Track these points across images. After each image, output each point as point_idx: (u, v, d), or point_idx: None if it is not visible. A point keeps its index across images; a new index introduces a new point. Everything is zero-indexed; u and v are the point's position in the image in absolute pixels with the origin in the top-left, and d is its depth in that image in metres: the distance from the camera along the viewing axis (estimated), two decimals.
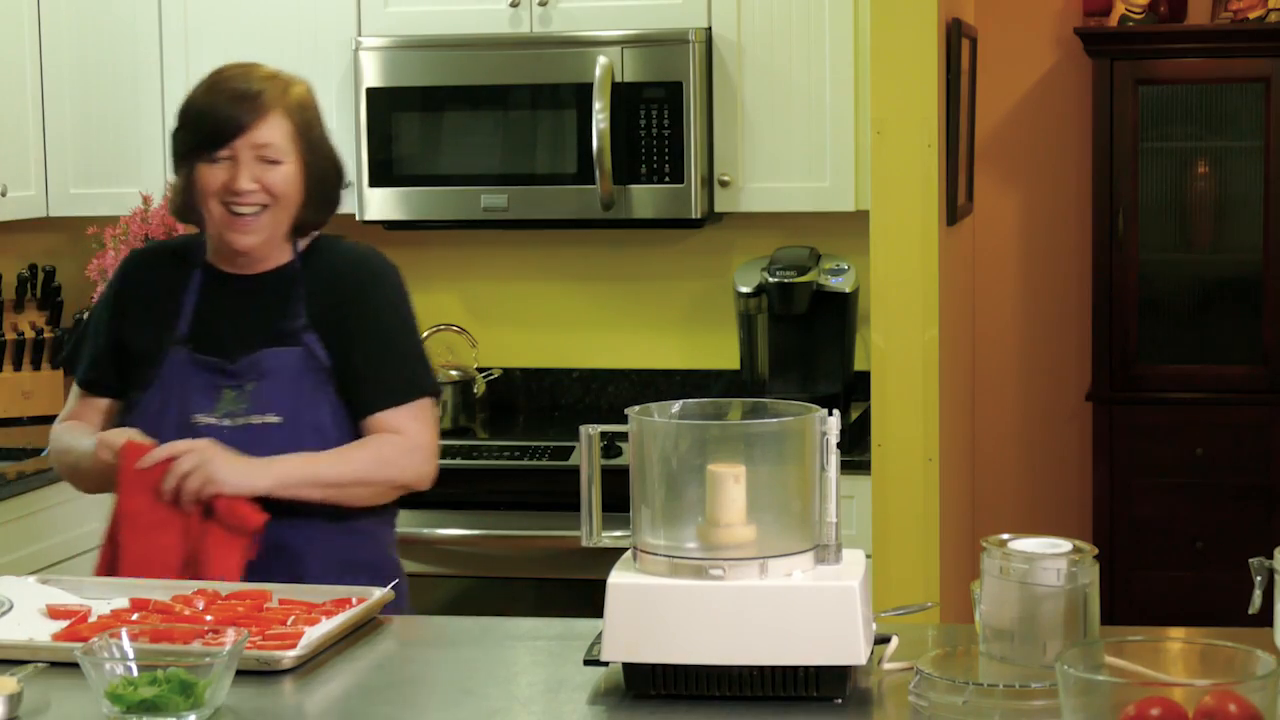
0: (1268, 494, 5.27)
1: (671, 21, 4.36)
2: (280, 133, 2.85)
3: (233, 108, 2.84)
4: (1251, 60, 5.26)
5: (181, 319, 2.91)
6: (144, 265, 3.01)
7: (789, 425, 2.12)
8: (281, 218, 2.87)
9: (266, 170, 2.84)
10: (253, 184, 2.83)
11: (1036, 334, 5.60)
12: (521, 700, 2.18)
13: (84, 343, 3.02)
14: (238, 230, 2.86)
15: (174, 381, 2.87)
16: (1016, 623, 2.07)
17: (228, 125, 2.83)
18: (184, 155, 2.90)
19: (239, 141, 2.83)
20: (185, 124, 2.90)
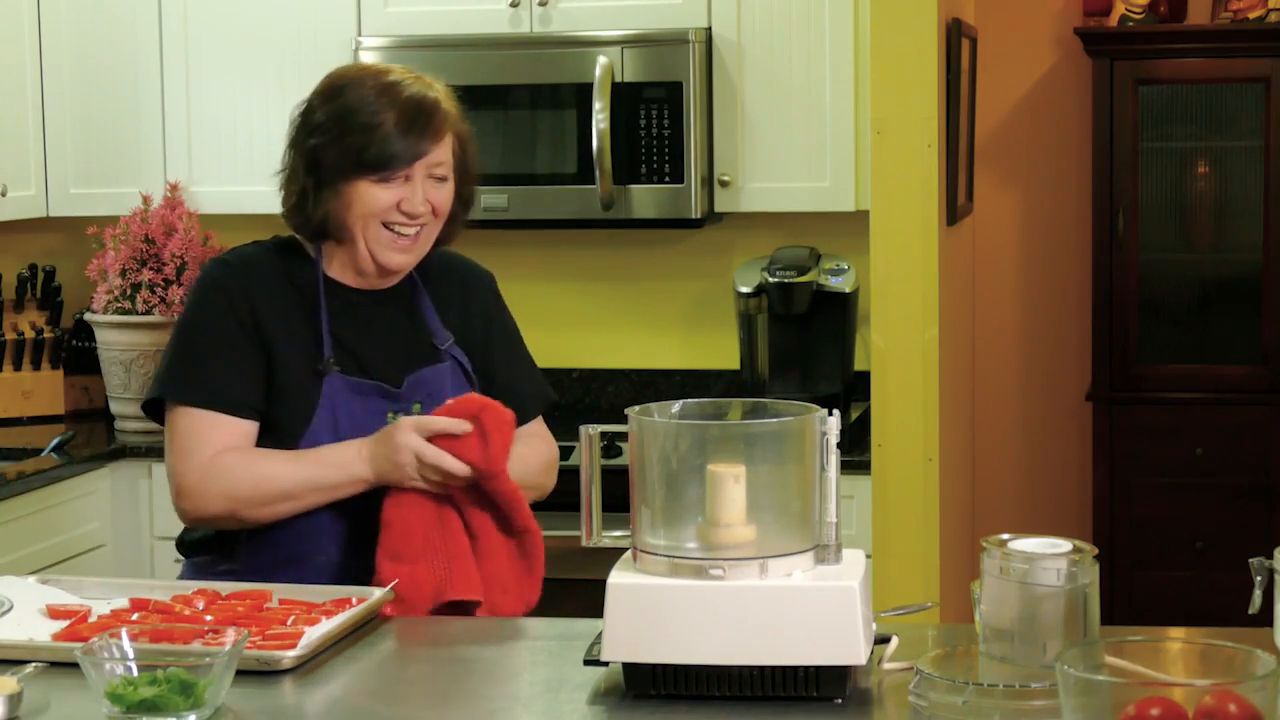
0: (1268, 494, 5.27)
1: (671, 21, 4.36)
2: (449, 150, 2.71)
3: (417, 128, 2.66)
4: (1251, 60, 5.26)
5: (323, 341, 2.69)
6: (258, 278, 2.73)
7: (789, 425, 2.12)
8: (434, 235, 2.73)
9: (434, 189, 2.69)
10: (425, 205, 2.68)
11: (1036, 334, 5.60)
12: (521, 700, 2.18)
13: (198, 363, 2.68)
14: (398, 250, 2.68)
15: (338, 410, 2.67)
16: (1016, 623, 2.07)
17: (411, 149, 2.65)
18: (341, 170, 2.67)
19: (420, 163, 2.67)
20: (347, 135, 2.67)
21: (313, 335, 2.69)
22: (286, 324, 2.69)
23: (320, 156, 2.69)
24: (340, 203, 2.68)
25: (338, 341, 2.70)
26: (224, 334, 2.67)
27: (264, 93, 4.59)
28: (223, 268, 2.75)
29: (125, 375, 4.54)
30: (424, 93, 2.70)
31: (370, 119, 2.65)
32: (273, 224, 4.89)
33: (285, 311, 2.70)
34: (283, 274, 2.74)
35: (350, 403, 2.67)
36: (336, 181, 2.67)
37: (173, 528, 4.40)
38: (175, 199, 4.59)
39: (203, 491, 2.65)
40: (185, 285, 4.51)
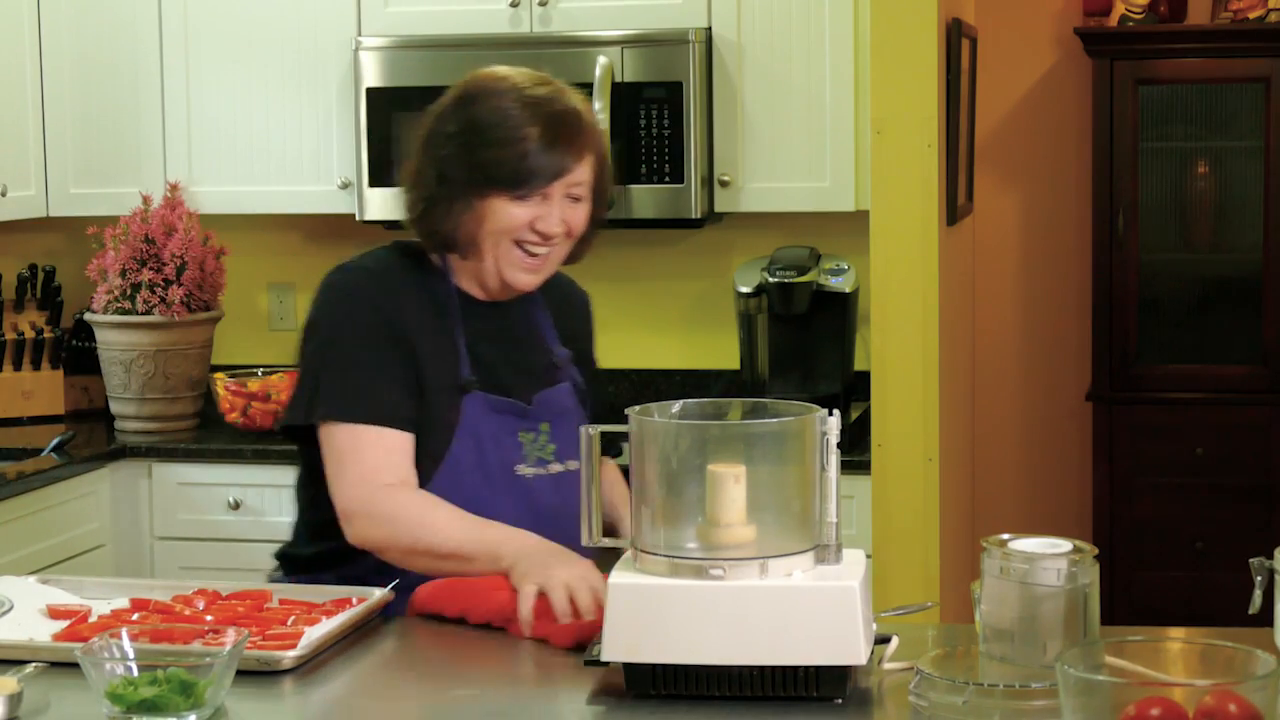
0: (1268, 494, 5.27)
1: (671, 21, 4.36)
2: (589, 169, 2.60)
3: (560, 145, 2.55)
4: (1251, 60, 5.26)
5: (460, 357, 2.60)
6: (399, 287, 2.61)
7: (789, 425, 2.12)
8: (563, 255, 2.63)
9: (571, 209, 2.59)
10: (561, 225, 2.57)
11: (1036, 334, 5.60)
12: (521, 700, 2.17)
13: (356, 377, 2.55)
14: (526, 269, 2.58)
15: (480, 430, 2.57)
16: (1017, 623, 2.07)
17: (553, 167, 2.54)
18: (475, 184, 2.55)
19: (559, 182, 2.56)
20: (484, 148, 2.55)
21: (451, 347, 2.60)
22: (428, 335, 2.58)
23: (452, 168, 2.56)
24: (472, 217, 2.56)
25: (474, 357, 2.61)
26: (375, 344, 2.56)
27: (264, 93, 4.59)
28: (362, 275, 2.63)
29: (125, 375, 4.54)
30: (568, 106, 2.58)
31: (511, 133, 2.54)
32: (273, 223, 4.92)
33: (425, 321, 2.59)
34: (417, 283, 2.62)
35: (490, 423, 2.58)
36: (469, 195, 2.55)
37: (173, 528, 4.43)
38: (175, 199, 4.59)
39: (365, 522, 2.54)
40: (185, 285, 4.51)
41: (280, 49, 4.58)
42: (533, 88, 2.58)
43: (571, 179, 2.56)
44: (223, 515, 4.38)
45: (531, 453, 2.60)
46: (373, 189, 4.48)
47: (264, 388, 4.51)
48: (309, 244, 4.95)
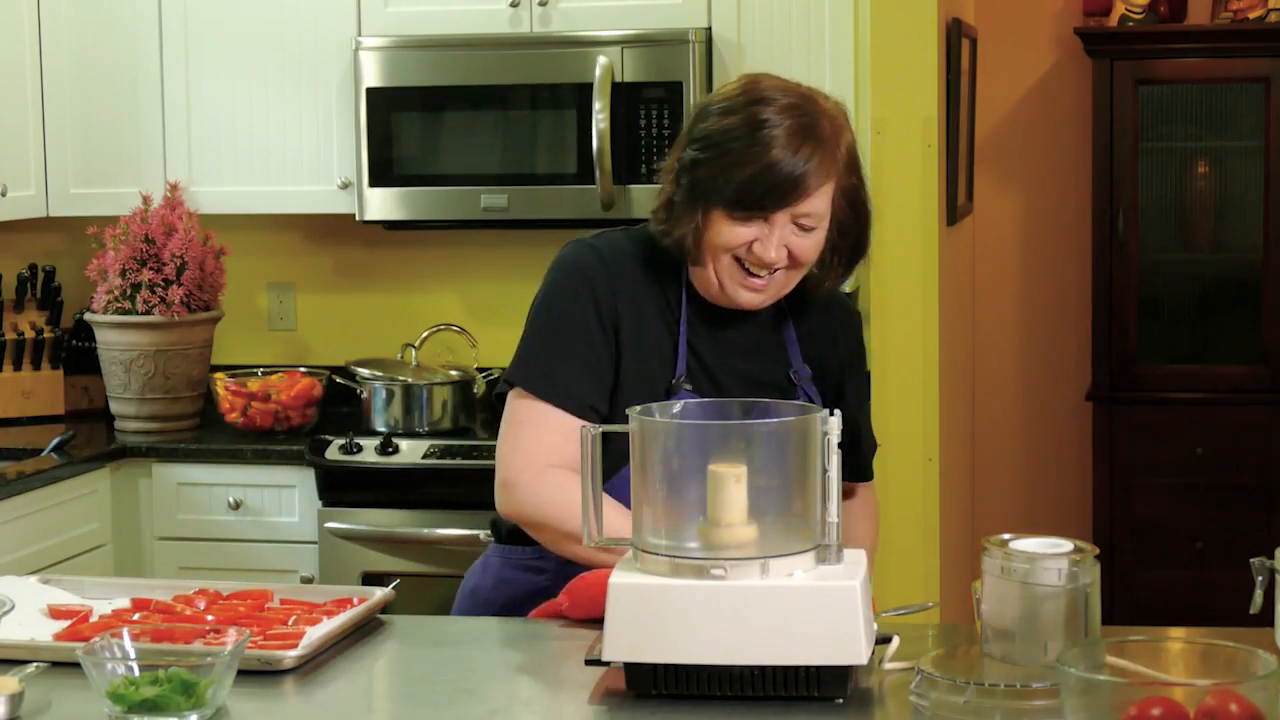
0: (1268, 494, 5.27)
1: (671, 21, 4.36)
2: (824, 201, 2.46)
3: (788, 175, 2.41)
4: (1251, 60, 5.27)
5: (679, 355, 2.53)
6: (624, 274, 2.54)
7: (790, 425, 2.12)
8: (793, 280, 2.52)
9: (797, 237, 2.46)
10: (780, 252, 2.46)
11: (1036, 334, 5.60)
12: (522, 700, 2.17)
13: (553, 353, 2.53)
14: (749, 289, 2.48)
15: None
16: (1017, 622, 2.07)
17: (776, 200, 2.43)
18: (705, 194, 2.46)
19: (784, 212, 2.44)
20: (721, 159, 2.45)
21: (669, 346, 2.54)
22: (644, 328, 2.53)
23: (693, 172, 2.48)
24: (695, 227, 2.48)
25: (696, 357, 2.55)
26: (583, 328, 2.52)
27: (264, 93, 4.59)
28: (592, 254, 2.56)
29: (125, 375, 4.54)
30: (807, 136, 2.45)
31: (749, 154, 2.44)
32: (273, 223, 4.92)
33: (645, 314, 2.53)
34: (649, 272, 2.55)
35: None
36: (699, 202, 2.47)
37: (173, 528, 4.43)
38: (175, 199, 4.59)
39: (521, 497, 2.51)
40: (185, 285, 4.52)
41: (280, 49, 4.58)
42: (786, 102, 2.48)
43: (802, 210, 2.45)
44: (223, 515, 4.38)
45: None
46: (373, 189, 4.48)
47: (264, 388, 4.51)
48: (309, 244, 4.95)
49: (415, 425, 4.41)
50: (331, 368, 4.70)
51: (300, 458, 4.33)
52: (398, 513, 4.24)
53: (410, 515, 4.23)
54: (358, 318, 4.92)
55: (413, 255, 4.89)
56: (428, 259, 4.85)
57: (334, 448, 4.28)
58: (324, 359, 4.89)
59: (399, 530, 4.23)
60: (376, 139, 4.46)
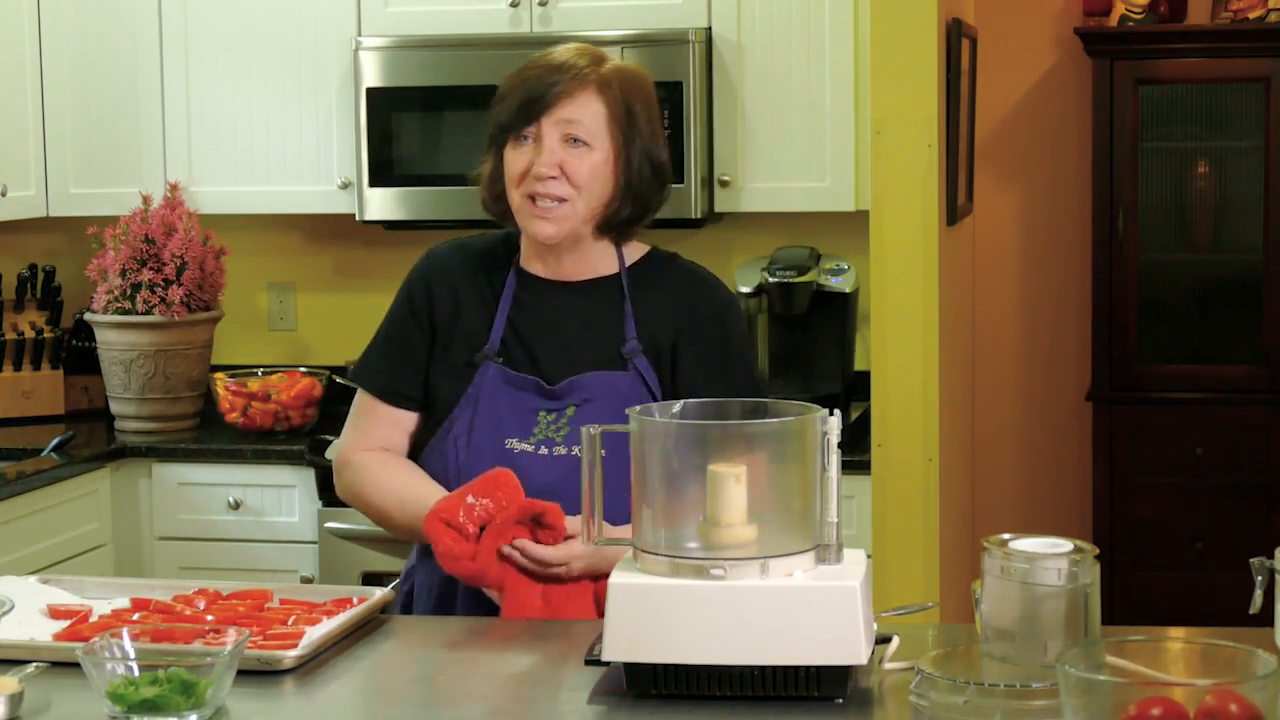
0: (1268, 494, 5.27)
1: (671, 21, 4.36)
2: (589, 114, 2.58)
3: (541, 80, 2.58)
4: (1251, 60, 5.26)
5: (493, 331, 2.66)
6: (447, 268, 2.72)
7: (790, 425, 2.12)
8: (584, 210, 2.61)
9: (570, 153, 2.58)
10: (554, 168, 2.57)
11: (1036, 334, 5.60)
12: (521, 700, 2.17)
13: (377, 350, 2.75)
14: (538, 217, 2.59)
15: (485, 401, 2.62)
16: (1017, 622, 2.06)
17: (533, 100, 2.57)
18: (493, 137, 2.65)
19: (545, 119, 2.58)
20: (497, 100, 2.65)
21: (486, 324, 2.67)
22: (461, 312, 2.68)
23: (489, 128, 2.68)
24: (495, 171, 2.67)
25: (514, 332, 2.66)
26: (402, 323, 2.72)
27: (264, 93, 4.59)
28: (427, 257, 2.78)
29: (125, 375, 4.54)
30: (564, 52, 2.63)
31: (512, 80, 2.64)
32: (273, 223, 4.91)
33: (463, 300, 2.69)
34: (482, 262, 2.72)
35: (501, 396, 2.62)
36: (494, 156, 2.67)
37: (173, 528, 4.43)
38: (175, 199, 4.59)
39: (338, 478, 2.78)
40: (185, 285, 4.52)
41: (280, 49, 4.58)
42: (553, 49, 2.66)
43: (561, 115, 2.58)
44: (223, 515, 4.39)
45: (541, 431, 2.62)
46: (373, 189, 4.48)
47: (264, 388, 4.51)
48: (309, 244, 4.95)
49: None
50: (331, 368, 4.70)
51: (300, 458, 4.33)
52: None
53: None
54: (358, 318, 4.92)
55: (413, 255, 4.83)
56: None
57: (334, 448, 4.28)
58: (324, 359, 4.89)
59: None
60: (376, 139, 4.46)
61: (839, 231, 4.55)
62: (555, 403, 2.62)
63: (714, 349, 2.68)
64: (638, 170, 2.63)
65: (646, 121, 2.64)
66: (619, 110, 2.61)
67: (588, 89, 2.59)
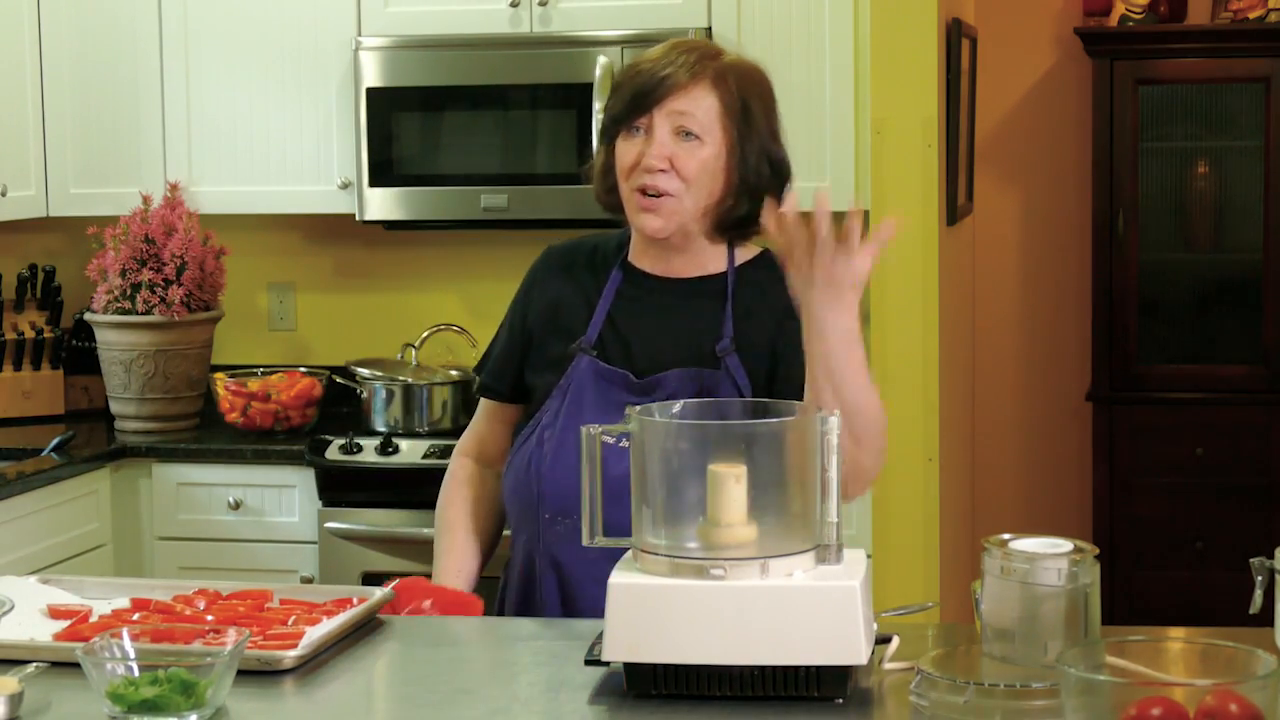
0: (1268, 494, 5.27)
1: (671, 21, 4.36)
2: (702, 107, 2.54)
3: (655, 72, 2.54)
4: (1251, 60, 5.27)
5: (592, 323, 2.64)
6: (557, 264, 2.72)
7: (790, 425, 2.12)
8: (692, 206, 2.57)
9: (681, 147, 2.54)
10: (663, 161, 2.54)
11: (1036, 334, 5.60)
12: (522, 700, 2.17)
13: (494, 347, 2.79)
14: (645, 210, 2.56)
15: (574, 392, 2.60)
16: (1017, 622, 2.06)
17: (645, 92, 2.53)
18: (605, 129, 2.63)
19: (656, 111, 2.54)
20: (610, 92, 2.63)
21: (586, 318, 2.66)
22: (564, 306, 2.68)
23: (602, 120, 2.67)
24: (607, 164, 2.64)
25: (613, 327, 2.64)
26: (505, 322, 2.78)
27: (264, 93, 4.59)
28: (541, 257, 2.79)
29: (125, 375, 4.54)
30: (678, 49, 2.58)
31: (621, 78, 2.63)
32: (273, 223, 4.92)
33: (564, 295, 2.69)
34: (589, 259, 2.71)
35: (592, 387, 2.60)
36: (607, 150, 2.64)
37: (173, 528, 4.43)
38: (175, 199, 4.59)
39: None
40: (185, 285, 4.52)
41: (280, 49, 4.58)
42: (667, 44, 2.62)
43: (673, 106, 2.53)
44: (223, 515, 4.38)
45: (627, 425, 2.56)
46: (373, 189, 4.48)
47: (264, 388, 4.51)
48: (309, 244, 4.95)
49: (415, 425, 4.41)
50: (331, 368, 4.70)
51: (300, 458, 4.33)
52: (398, 513, 4.24)
53: (410, 515, 4.22)
54: (358, 318, 4.92)
55: (413, 255, 4.89)
56: (428, 259, 4.85)
57: (334, 448, 4.28)
58: (324, 359, 4.89)
59: (399, 530, 4.23)
60: (376, 139, 4.46)
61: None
62: (642, 397, 2.56)
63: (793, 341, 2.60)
64: (754, 167, 2.59)
65: (764, 118, 2.60)
66: (734, 105, 2.56)
67: (701, 82, 2.54)
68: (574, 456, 2.42)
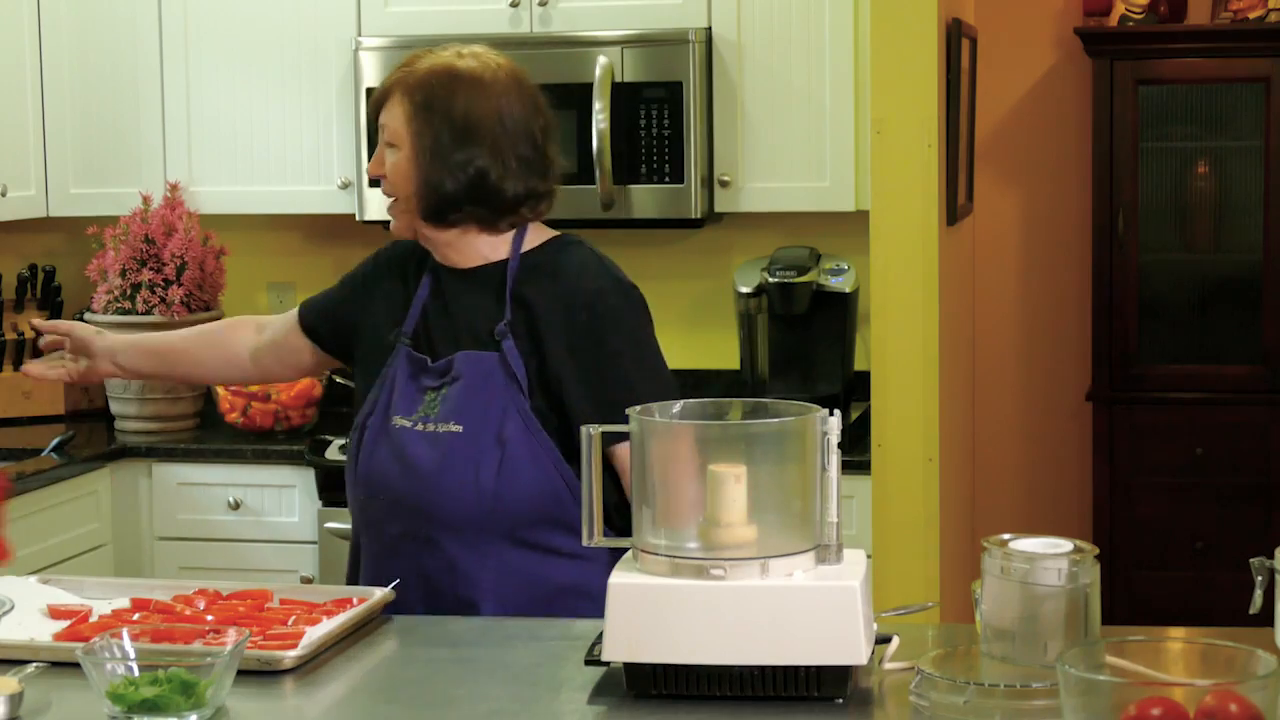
0: (1268, 494, 5.27)
1: (671, 21, 4.36)
2: (397, 116, 2.75)
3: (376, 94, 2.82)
4: (1251, 60, 5.27)
5: (409, 316, 2.80)
6: (394, 257, 2.89)
7: (790, 425, 2.12)
8: (407, 205, 2.76)
9: (387, 155, 2.77)
10: (378, 168, 2.79)
11: (1036, 334, 5.60)
12: (521, 700, 2.17)
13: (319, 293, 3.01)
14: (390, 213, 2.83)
15: (391, 379, 2.77)
16: (1017, 622, 2.07)
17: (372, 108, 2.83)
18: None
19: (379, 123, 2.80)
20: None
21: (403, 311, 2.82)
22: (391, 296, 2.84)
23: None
24: None
25: (424, 318, 2.79)
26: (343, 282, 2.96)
27: (264, 93, 4.59)
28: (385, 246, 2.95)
29: None
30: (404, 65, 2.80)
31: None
32: (273, 223, 4.91)
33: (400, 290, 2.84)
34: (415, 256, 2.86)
35: (404, 376, 2.76)
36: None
37: (173, 528, 4.43)
38: (175, 199, 4.59)
39: None
40: (185, 285, 4.52)
41: (280, 49, 4.58)
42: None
43: (381, 121, 2.77)
44: (223, 515, 4.39)
45: (422, 409, 2.72)
46: (373, 189, 4.48)
47: (264, 388, 4.51)
48: (309, 244, 4.95)
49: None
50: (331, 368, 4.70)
51: (300, 458, 4.33)
52: None
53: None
54: None
55: None
56: None
57: (334, 448, 4.28)
58: None
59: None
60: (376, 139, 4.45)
61: (839, 231, 4.55)
62: (436, 380, 2.73)
63: (582, 337, 2.70)
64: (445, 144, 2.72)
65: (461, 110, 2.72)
66: (421, 107, 2.73)
67: (395, 94, 2.75)
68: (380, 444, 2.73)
